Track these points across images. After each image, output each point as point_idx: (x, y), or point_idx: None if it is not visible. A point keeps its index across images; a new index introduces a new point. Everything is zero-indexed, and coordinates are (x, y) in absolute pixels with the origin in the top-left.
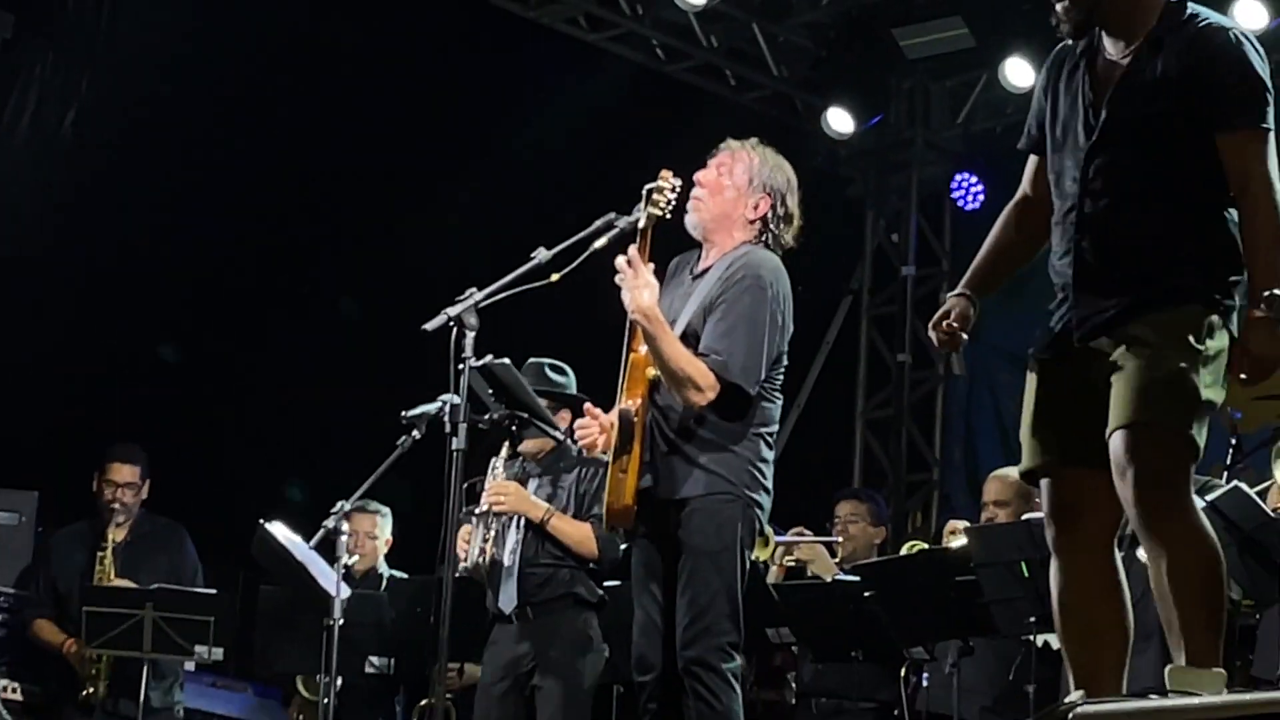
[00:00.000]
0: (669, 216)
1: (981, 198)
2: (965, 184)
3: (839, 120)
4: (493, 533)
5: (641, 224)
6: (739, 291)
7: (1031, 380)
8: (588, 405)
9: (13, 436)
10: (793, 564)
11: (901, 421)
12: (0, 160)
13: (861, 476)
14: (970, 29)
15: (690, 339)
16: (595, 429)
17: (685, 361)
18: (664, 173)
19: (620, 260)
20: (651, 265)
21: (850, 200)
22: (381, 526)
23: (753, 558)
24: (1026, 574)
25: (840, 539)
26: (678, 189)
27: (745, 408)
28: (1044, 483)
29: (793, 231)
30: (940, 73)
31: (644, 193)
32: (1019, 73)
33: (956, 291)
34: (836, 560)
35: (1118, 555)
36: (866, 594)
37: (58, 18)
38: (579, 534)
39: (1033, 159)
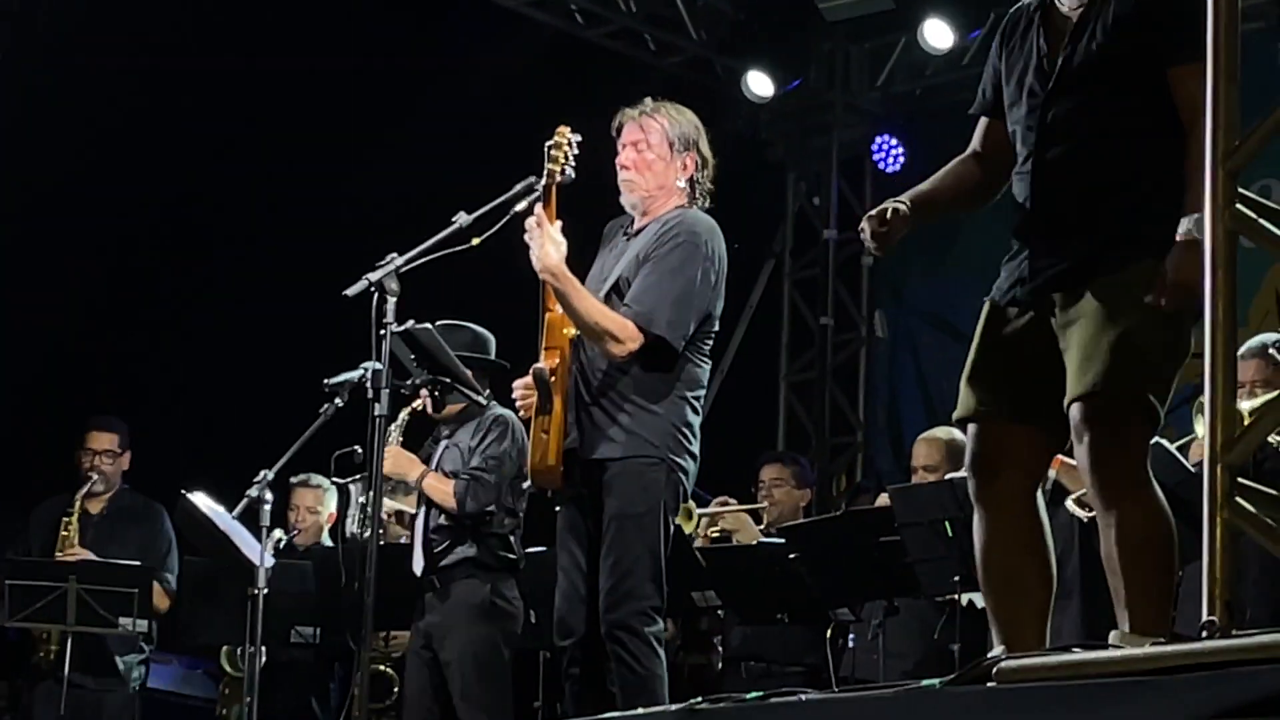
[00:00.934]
0: (570, 173)
1: (902, 160)
2: (886, 146)
3: (758, 84)
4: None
5: (544, 181)
6: (671, 247)
7: (980, 326)
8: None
9: None
10: (718, 534)
11: (824, 384)
12: None
13: (785, 440)
14: None
15: (622, 289)
16: (533, 393)
17: (599, 314)
18: (560, 128)
19: (529, 221)
20: (559, 223)
21: (771, 164)
22: (325, 501)
23: (676, 527)
24: (950, 534)
25: (765, 503)
26: (574, 143)
27: (671, 362)
28: (970, 429)
29: (709, 174)
30: (859, 35)
31: (545, 150)
32: (938, 34)
33: (898, 199)
34: (762, 526)
35: (1042, 509)
36: (791, 555)
37: None
38: (440, 489)
39: (984, 120)
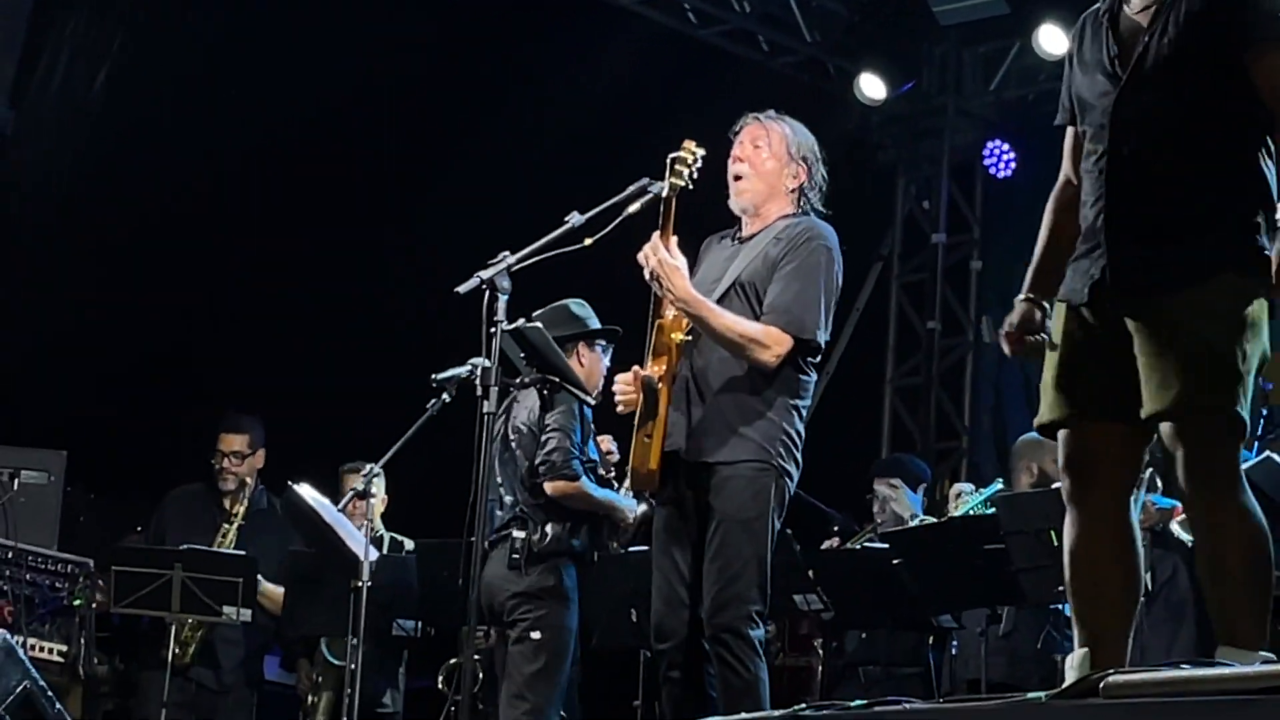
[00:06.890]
0: (691, 186)
1: (1013, 165)
2: (997, 151)
3: (871, 86)
4: None
5: (664, 193)
6: (807, 252)
7: (1057, 328)
8: (635, 367)
9: (41, 396)
10: None
11: (930, 389)
12: (31, 120)
13: (890, 444)
14: None
15: (740, 291)
16: (634, 391)
17: (741, 328)
18: (687, 143)
19: (644, 252)
20: (675, 238)
21: (881, 166)
22: (377, 486)
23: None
24: (1055, 543)
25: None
26: (700, 159)
27: (816, 360)
28: (1062, 434)
29: (821, 199)
30: (973, 39)
31: (668, 162)
32: (1052, 40)
33: (1022, 297)
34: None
35: (1134, 514)
36: (895, 561)
37: None
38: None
39: (1070, 132)
